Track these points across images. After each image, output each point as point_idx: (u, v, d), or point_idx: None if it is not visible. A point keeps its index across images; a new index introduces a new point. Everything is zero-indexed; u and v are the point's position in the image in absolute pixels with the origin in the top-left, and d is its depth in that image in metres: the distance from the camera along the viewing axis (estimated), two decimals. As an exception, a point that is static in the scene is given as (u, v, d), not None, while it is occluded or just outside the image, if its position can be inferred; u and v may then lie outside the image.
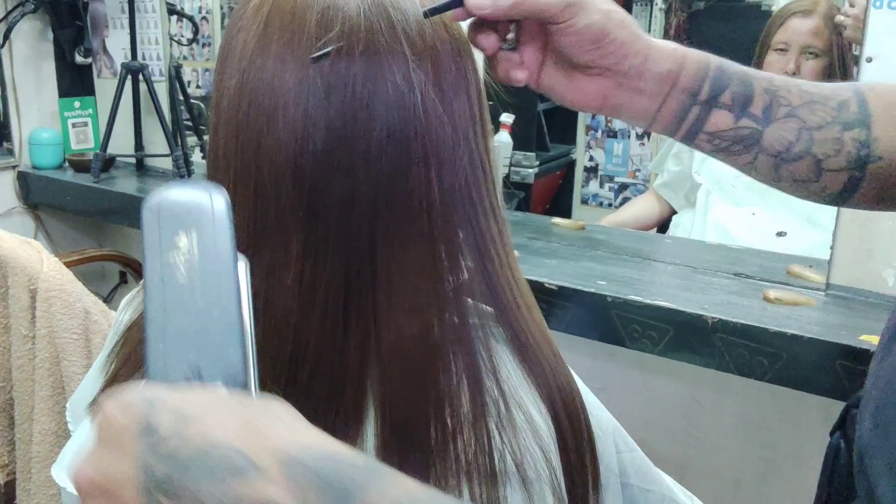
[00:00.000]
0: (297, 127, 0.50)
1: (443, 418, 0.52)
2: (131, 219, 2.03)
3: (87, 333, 1.19)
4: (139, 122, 2.12)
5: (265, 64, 0.51)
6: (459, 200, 0.54)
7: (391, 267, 0.52)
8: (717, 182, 1.86)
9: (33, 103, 2.20)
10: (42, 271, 1.18)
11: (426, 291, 0.53)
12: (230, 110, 0.53)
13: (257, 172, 0.51)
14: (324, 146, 0.50)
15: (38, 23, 2.17)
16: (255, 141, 0.51)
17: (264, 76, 0.51)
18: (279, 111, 0.50)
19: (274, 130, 0.51)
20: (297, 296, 0.52)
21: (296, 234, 0.51)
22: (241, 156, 0.52)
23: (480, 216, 0.56)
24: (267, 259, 0.52)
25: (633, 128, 2.83)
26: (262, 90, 0.51)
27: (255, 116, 0.51)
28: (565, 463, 0.57)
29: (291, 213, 0.51)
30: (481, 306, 0.57)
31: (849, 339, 1.04)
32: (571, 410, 0.58)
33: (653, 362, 1.23)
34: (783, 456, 1.26)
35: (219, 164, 0.54)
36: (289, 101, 0.50)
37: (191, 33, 2.29)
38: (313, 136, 0.50)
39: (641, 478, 0.67)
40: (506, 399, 0.54)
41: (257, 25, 0.52)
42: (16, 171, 2.19)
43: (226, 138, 0.53)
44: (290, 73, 0.50)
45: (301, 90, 0.50)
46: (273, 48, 0.51)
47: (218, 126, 0.54)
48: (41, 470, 1.18)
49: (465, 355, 0.54)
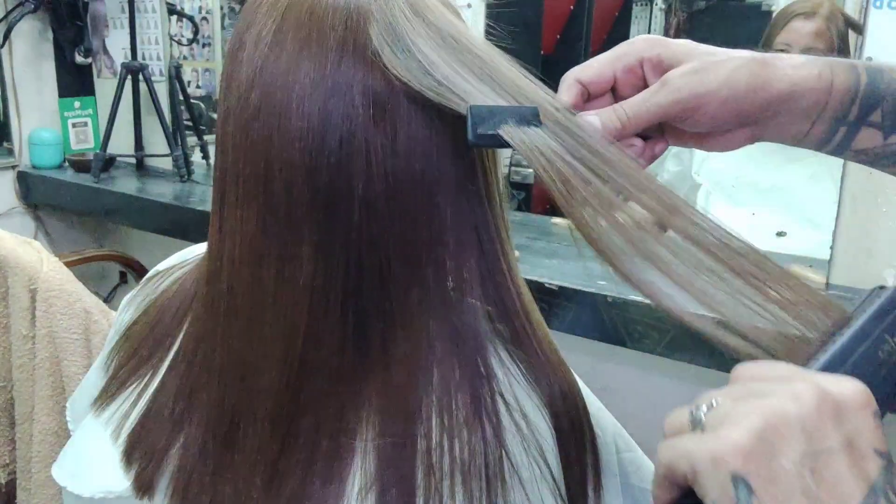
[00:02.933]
0: (313, 123, 0.50)
1: (441, 421, 0.52)
2: (131, 219, 2.03)
3: (87, 333, 1.19)
4: (139, 122, 2.12)
5: (279, 59, 0.50)
6: (466, 199, 0.54)
7: (402, 266, 0.52)
8: (717, 182, 1.86)
9: (33, 103, 2.20)
10: (42, 271, 1.18)
11: (431, 290, 0.53)
12: (240, 105, 0.52)
13: (268, 168, 0.51)
14: (336, 147, 0.50)
15: (38, 23, 2.17)
16: (266, 136, 0.51)
17: (278, 71, 0.50)
18: (293, 107, 0.50)
19: (287, 126, 0.50)
20: (309, 296, 0.51)
21: (308, 232, 0.51)
22: (251, 150, 0.51)
23: (488, 213, 0.56)
24: (276, 257, 0.52)
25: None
26: (275, 85, 0.50)
27: (267, 112, 0.50)
28: (565, 463, 0.56)
29: (303, 210, 0.51)
30: (482, 306, 0.57)
31: (849, 339, 1.04)
32: (572, 411, 0.58)
33: (653, 362, 1.22)
34: (783, 456, 1.26)
35: (227, 159, 0.53)
36: (304, 97, 0.50)
37: (191, 33, 2.29)
38: (326, 137, 0.50)
39: (642, 478, 0.67)
40: (505, 400, 0.54)
41: (273, 21, 0.52)
42: (16, 170, 2.19)
43: (235, 132, 0.52)
44: (305, 71, 0.50)
45: (315, 89, 0.50)
46: (289, 44, 0.51)
47: (227, 120, 0.53)
48: (41, 470, 1.18)
49: (463, 356, 0.54)
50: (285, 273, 0.51)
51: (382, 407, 0.52)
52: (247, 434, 0.53)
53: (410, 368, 0.53)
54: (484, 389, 0.54)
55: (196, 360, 0.57)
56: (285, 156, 0.50)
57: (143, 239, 2.21)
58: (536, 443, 0.55)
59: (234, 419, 0.54)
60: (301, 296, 0.51)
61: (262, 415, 0.53)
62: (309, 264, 0.51)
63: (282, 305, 0.52)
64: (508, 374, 0.56)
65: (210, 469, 0.54)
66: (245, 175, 0.52)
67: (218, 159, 0.55)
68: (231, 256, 0.53)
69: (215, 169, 0.55)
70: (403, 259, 0.52)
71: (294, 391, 0.52)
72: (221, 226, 0.54)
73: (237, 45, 0.53)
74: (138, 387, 0.62)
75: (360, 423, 0.52)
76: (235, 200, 0.53)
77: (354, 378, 0.52)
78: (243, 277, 0.53)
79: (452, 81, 0.51)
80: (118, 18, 2.17)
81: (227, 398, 0.54)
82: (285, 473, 0.52)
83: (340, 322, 0.52)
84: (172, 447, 0.57)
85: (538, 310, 0.61)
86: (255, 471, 0.52)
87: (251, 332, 0.53)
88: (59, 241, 2.28)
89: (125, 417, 0.61)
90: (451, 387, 0.53)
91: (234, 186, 0.53)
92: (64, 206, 2.18)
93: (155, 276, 0.69)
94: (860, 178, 1.16)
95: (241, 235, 0.52)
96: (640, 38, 0.57)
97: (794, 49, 1.74)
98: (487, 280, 0.56)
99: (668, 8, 3.07)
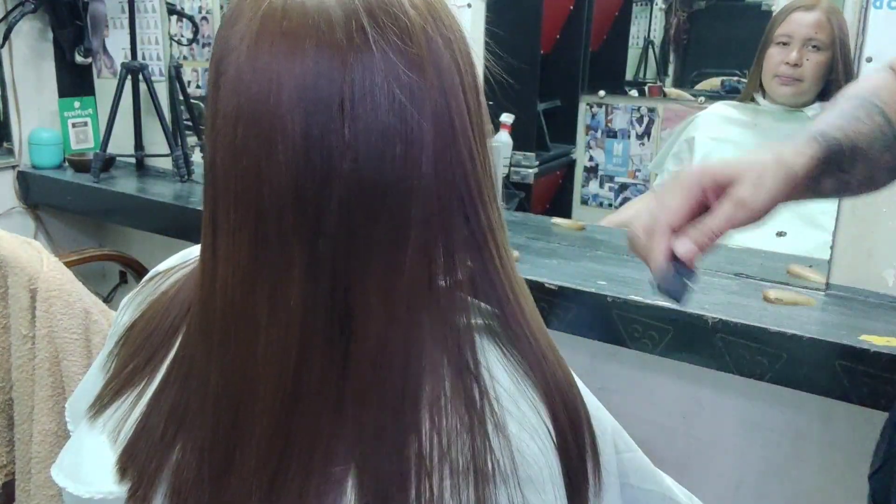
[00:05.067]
0: (296, 147, 0.50)
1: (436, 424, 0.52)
2: (131, 219, 2.03)
3: (87, 333, 1.19)
4: (139, 122, 2.12)
5: (260, 85, 0.50)
6: (457, 201, 0.54)
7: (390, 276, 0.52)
8: (717, 182, 1.86)
9: (33, 103, 2.20)
10: (42, 271, 1.18)
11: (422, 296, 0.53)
12: (227, 135, 0.52)
13: (258, 195, 0.51)
14: (322, 163, 0.50)
15: (38, 23, 2.17)
16: (255, 164, 0.51)
17: (260, 97, 0.50)
18: (278, 133, 0.50)
19: (274, 153, 0.50)
20: (301, 317, 0.52)
21: (298, 254, 0.51)
22: (240, 179, 0.52)
23: (480, 213, 0.55)
24: (269, 281, 0.52)
25: (633, 128, 2.83)
26: (258, 112, 0.50)
27: (253, 141, 0.51)
28: (565, 463, 0.56)
29: (294, 233, 0.51)
30: (479, 304, 0.57)
31: (849, 339, 1.04)
32: (571, 410, 0.58)
33: (653, 362, 1.22)
34: (783, 456, 1.26)
35: (217, 186, 0.54)
36: (286, 121, 0.50)
37: (191, 33, 2.29)
38: (312, 153, 0.50)
39: (641, 478, 0.67)
40: (500, 401, 0.54)
41: (248, 48, 0.51)
42: (16, 170, 2.19)
43: (224, 161, 0.53)
44: (285, 93, 0.50)
45: (299, 108, 0.50)
46: (267, 68, 0.50)
47: (216, 150, 0.53)
48: (41, 470, 1.18)
49: (458, 357, 0.54)
50: (277, 296, 0.52)
51: (376, 421, 0.52)
52: (243, 458, 0.53)
53: (402, 377, 0.53)
54: (479, 391, 0.54)
55: (189, 384, 0.58)
56: (275, 181, 0.50)
57: (143, 239, 2.21)
58: (534, 443, 0.54)
59: (229, 444, 0.54)
60: (293, 317, 0.52)
61: (257, 437, 0.53)
62: (299, 285, 0.51)
63: (275, 328, 0.52)
64: (505, 373, 0.56)
65: (207, 494, 0.55)
66: (236, 204, 0.52)
67: (208, 186, 0.55)
68: (224, 283, 0.54)
69: (206, 195, 0.56)
70: (388, 265, 0.52)
71: (288, 412, 0.52)
72: (215, 252, 0.54)
73: (216, 78, 0.53)
74: (130, 397, 0.62)
75: (354, 440, 0.52)
76: (228, 227, 0.53)
77: (346, 394, 0.53)
78: (237, 303, 0.53)
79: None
80: (118, 18, 2.17)
81: (221, 424, 0.54)
82: (281, 494, 0.52)
83: (329, 338, 0.52)
84: (164, 470, 0.57)
85: (537, 309, 0.61)
86: (251, 493, 0.53)
87: (245, 357, 0.53)
88: (59, 241, 2.28)
89: (117, 430, 0.61)
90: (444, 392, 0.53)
91: (225, 214, 0.53)
92: (64, 206, 2.18)
93: (155, 276, 0.69)
94: (860, 178, 1.16)
95: (234, 263, 0.53)
96: (689, 172, 0.70)
97: (794, 40, 1.75)
98: (486, 279, 0.56)
99: (668, 8, 3.07)
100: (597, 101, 2.87)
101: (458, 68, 0.54)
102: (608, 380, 1.36)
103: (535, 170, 2.38)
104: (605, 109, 2.88)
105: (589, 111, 2.90)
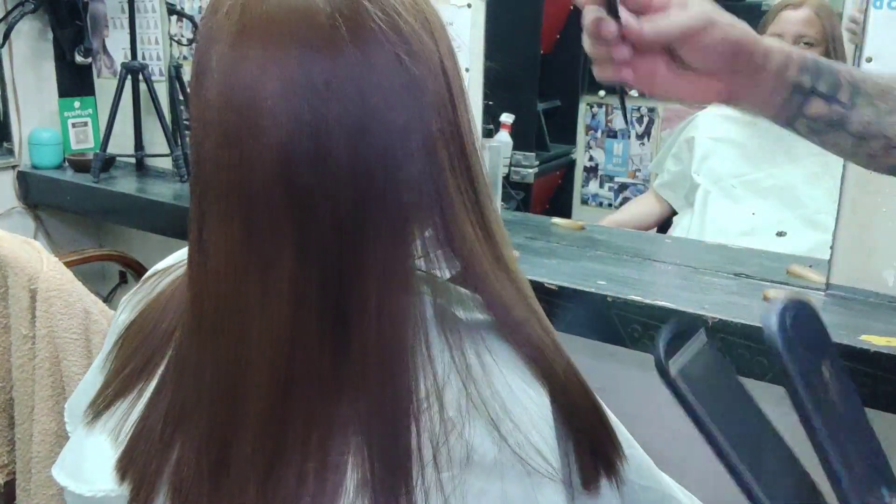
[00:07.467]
0: (284, 131, 0.50)
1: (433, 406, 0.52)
2: (131, 219, 2.03)
3: (87, 333, 1.19)
4: (139, 122, 2.12)
5: (245, 72, 0.51)
6: (449, 181, 0.54)
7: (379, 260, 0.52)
8: (717, 182, 1.86)
9: (33, 103, 2.20)
10: (42, 271, 1.18)
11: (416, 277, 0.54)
12: (214, 123, 0.52)
13: (247, 182, 0.51)
14: (311, 146, 0.50)
15: (38, 23, 2.17)
16: (243, 151, 0.51)
17: (245, 84, 0.51)
18: (265, 118, 0.50)
19: (261, 137, 0.50)
20: (293, 301, 0.52)
21: (289, 239, 0.51)
22: (229, 168, 0.52)
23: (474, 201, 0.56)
24: (260, 266, 0.52)
25: (633, 128, 2.83)
26: (245, 99, 0.51)
27: (241, 126, 0.51)
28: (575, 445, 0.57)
29: (284, 217, 0.51)
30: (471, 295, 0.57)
31: (849, 339, 1.04)
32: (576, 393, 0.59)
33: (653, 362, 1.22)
34: (783, 456, 1.26)
35: (207, 176, 0.54)
36: (274, 105, 0.50)
37: (191, 33, 2.29)
38: (300, 137, 0.50)
39: (641, 475, 0.67)
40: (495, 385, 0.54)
41: (231, 36, 0.52)
42: (16, 170, 2.19)
43: (212, 151, 0.53)
44: (271, 78, 0.50)
45: (285, 93, 0.50)
46: (251, 55, 0.51)
47: (204, 140, 0.54)
48: (41, 470, 1.18)
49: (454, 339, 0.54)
50: (269, 281, 0.52)
51: (373, 404, 0.52)
52: (239, 446, 0.53)
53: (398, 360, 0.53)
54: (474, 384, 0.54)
55: (184, 381, 0.58)
56: (264, 167, 0.51)
57: (143, 239, 2.21)
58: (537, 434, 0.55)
59: (225, 434, 0.54)
60: (285, 301, 0.52)
61: (252, 424, 0.53)
62: (291, 269, 0.52)
63: (268, 314, 0.52)
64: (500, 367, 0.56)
65: (206, 486, 0.55)
66: (227, 193, 0.53)
67: (196, 180, 0.55)
68: (216, 273, 0.54)
69: (193, 190, 0.56)
70: (381, 247, 0.52)
71: (283, 397, 0.53)
72: (204, 245, 0.55)
73: (201, 69, 0.54)
74: (128, 399, 0.62)
75: (352, 425, 0.52)
76: (217, 218, 0.53)
77: (339, 379, 0.53)
78: (229, 292, 0.53)
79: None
80: (118, 18, 2.17)
81: (217, 415, 0.55)
82: (280, 480, 0.52)
83: (322, 321, 0.52)
84: (164, 470, 0.57)
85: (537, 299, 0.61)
86: (248, 480, 0.53)
87: (238, 345, 0.53)
88: (59, 241, 2.28)
89: (118, 431, 0.61)
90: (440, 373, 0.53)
91: (215, 205, 0.53)
92: (64, 206, 2.18)
93: (153, 275, 0.69)
94: (860, 179, 1.16)
95: (225, 252, 0.53)
96: None
97: (785, 38, 1.76)
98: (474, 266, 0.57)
99: (667, 8, 3.07)
100: (597, 101, 2.87)
101: (436, 46, 0.55)
102: (608, 380, 1.36)
103: (535, 170, 2.38)
104: (605, 109, 2.88)
105: (589, 111, 2.91)
